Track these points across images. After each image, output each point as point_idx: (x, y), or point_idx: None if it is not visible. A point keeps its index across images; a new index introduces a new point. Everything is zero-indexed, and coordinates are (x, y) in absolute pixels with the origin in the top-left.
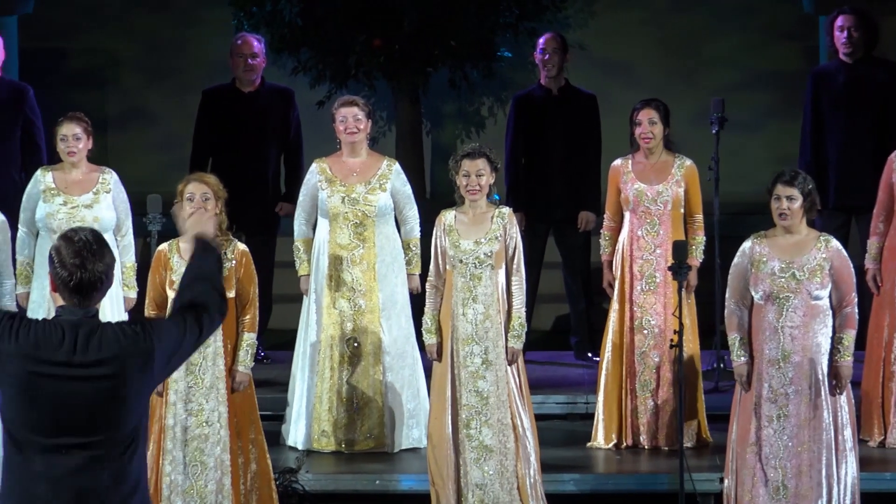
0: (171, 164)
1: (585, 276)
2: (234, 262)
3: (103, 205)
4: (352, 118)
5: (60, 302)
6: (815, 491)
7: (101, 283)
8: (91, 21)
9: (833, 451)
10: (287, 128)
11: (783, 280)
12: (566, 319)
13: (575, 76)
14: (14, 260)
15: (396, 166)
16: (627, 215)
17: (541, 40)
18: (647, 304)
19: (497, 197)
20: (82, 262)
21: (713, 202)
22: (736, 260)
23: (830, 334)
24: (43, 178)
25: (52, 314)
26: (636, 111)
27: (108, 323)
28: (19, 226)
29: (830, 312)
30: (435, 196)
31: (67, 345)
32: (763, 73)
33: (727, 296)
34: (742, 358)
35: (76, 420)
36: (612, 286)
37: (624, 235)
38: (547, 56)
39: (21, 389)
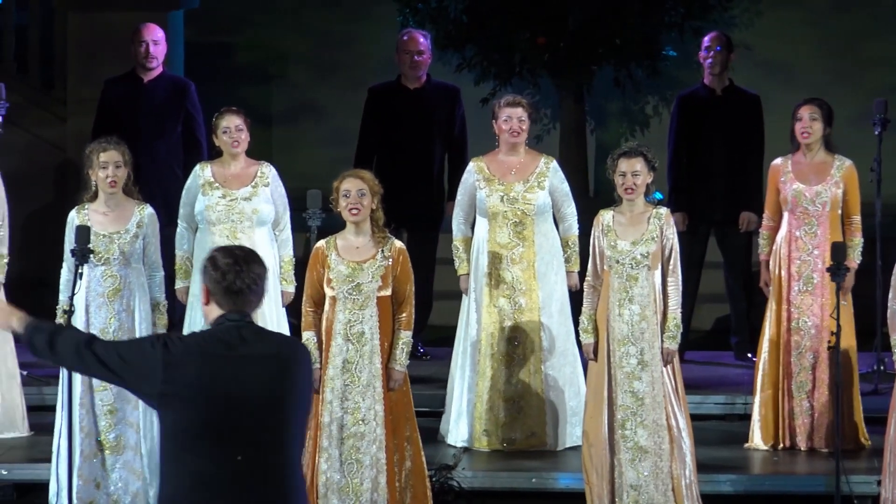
0: (338, 159)
1: (746, 277)
2: (390, 259)
3: (261, 198)
4: (516, 119)
5: (213, 314)
6: None
7: (255, 287)
8: (257, 15)
9: None
10: (452, 125)
11: None
12: (727, 320)
13: (738, 76)
14: (168, 254)
15: (554, 164)
16: (786, 215)
17: (705, 39)
18: (804, 304)
19: (660, 196)
20: (239, 266)
21: (875, 204)
22: None
23: None
24: (202, 173)
25: None
26: (798, 107)
27: (265, 329)
28: (179, 220)
29: None
30: (598, 194)
31: (238, 341)
32: None
33: (889, 297)
34: None
35: (246, 420)
36: (768, 286)
37: (782, 235)
38: (711, 55)
39: (199, 393)
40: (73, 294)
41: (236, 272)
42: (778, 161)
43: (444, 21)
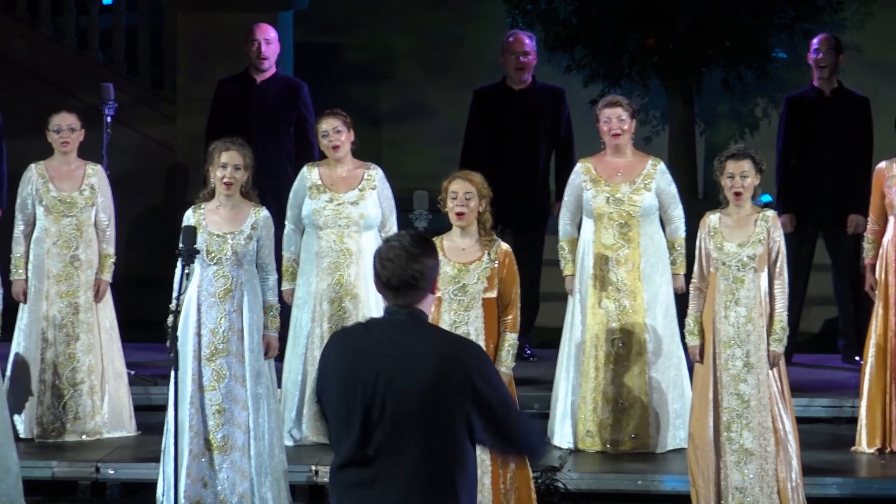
0: (446, 159)
1: (854, 279)
2: (496, 262)
3: (369, 202)
4: (616, 119)
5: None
6: None
7: (414, 282)
8: (367, 16)
9: None
10: (557, 126)
11: None
12: (835, 322)
13: (847, 77)
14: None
15: (661, 165)
16: (891, 219)
17: (814, 41)
18: None
19: (769, 198)
20: (398, 259)
21: None
22: None
23: None
24: (309, 175)
25: (317, 311)
26: None
27: (437, 326)
28: (286, 222)
29: None
30: (707, 196)
31: (393, 338)
32: None
33: None
34: None
35: (399, 416)
36: (874, 289)
37: (887, 239)
38: (820, 57)
39: (347, 385)
40: (179, 294)
41: (395, 266)
42: (882, 165)
43: (554, 22)
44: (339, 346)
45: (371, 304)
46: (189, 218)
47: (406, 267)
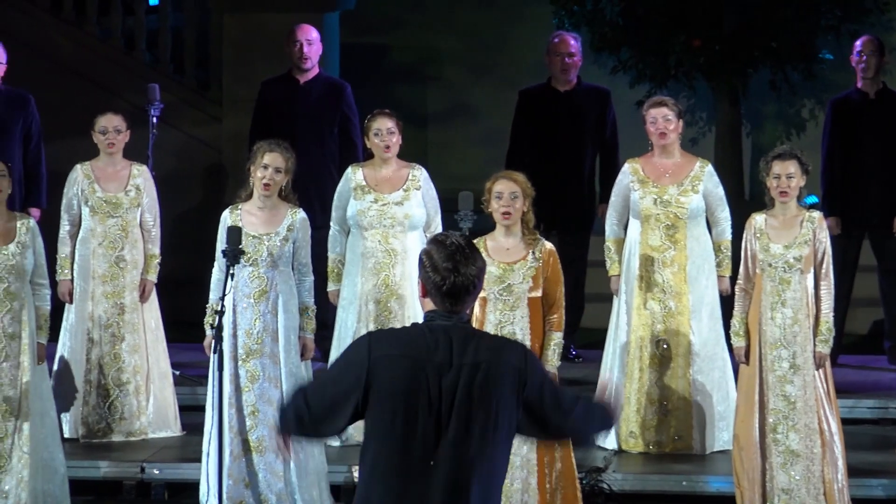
0: (492, 160)
1: None
2: (541, 261)
3: (413, 202)
4: (662, 119)
5: (430, 307)
6: None
7: (472, 287)
8: (413, 16)
9: None
10: (603, 127)
11: None
12: (881, 324)
13: (892, 79)
14: (321, 256)
15: (709, 167)
16: None
17: (857, 43)
18: None
19: (815, 199)
20: (455, 265)
21: None
22: None
23: None
24: (354, 176)
25: (363, 312)
26: None
27: (484, 332)
28: (331, 223)
29: None
30: (753, 197)
31: (443, 348)
32: None
33: None
34: None
35: (446, 424)
36: None
37: None
38: (864, 59)
39: (399, 396)
40: (223, 295)
41: (451, 271)
42: None
43: (600, 23)
44: (394, 356)
45: (416, 305)
46: (226, 218)
47: (464, 273)
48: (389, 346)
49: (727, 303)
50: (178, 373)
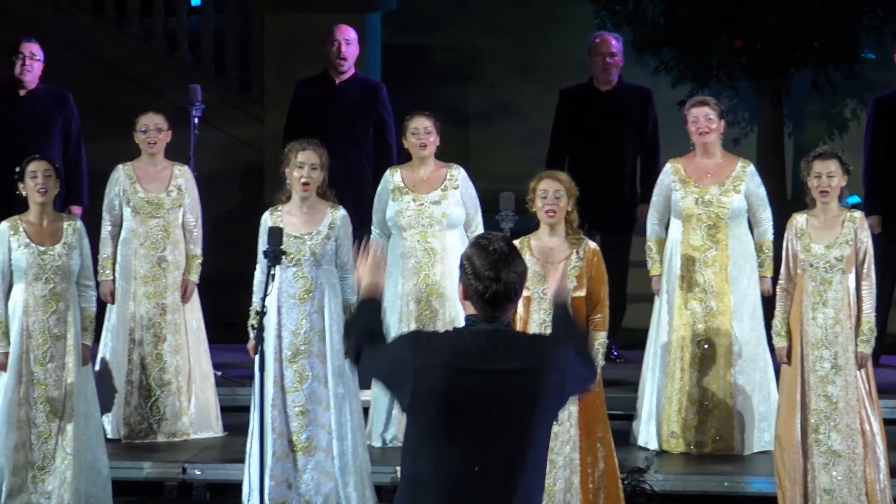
0: (534, 159)
1: None
2: (584, 261)
3: (451, 201)
4: (703, 118)
5: (471, 310)
6: None
7: (514, 294)
8: (453, 16)
9: None
10: (644, 127)
11: None
12: None
13: None
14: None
15: (751, 168)
16: None
17: None
18: None
19: (857, 199)
20: (497, 273)
21: None
22: None
23: None
24: (391, 178)
25: (404, 312)
26: None
27: (525, 333)
28: (372, 227)
29: None
30: (796, 197)
31: (485, 353)
32: None
33: None
34: None
35: (491, 429)
36: None
37: None
38: None
39: (442, 404)
40: (265, 296)
41: (493, 280)
42: None
43: (642, 23)
44: (436, 365)
45: (457, 304)
46: (266, 220)
47: (505, 281)
48: (431, 354)
49: (769, 303)
50: (219, 373)
